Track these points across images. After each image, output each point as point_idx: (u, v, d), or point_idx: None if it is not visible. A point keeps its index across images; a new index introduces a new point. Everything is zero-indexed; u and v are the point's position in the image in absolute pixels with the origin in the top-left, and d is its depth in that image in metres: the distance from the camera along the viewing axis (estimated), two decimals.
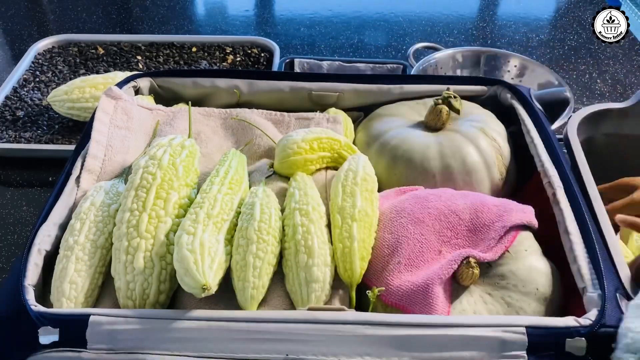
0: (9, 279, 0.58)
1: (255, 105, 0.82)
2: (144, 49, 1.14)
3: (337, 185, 0.63)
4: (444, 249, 0.59)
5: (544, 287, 0.56)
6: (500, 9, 1.45)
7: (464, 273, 0.56)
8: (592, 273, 0.54)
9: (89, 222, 0.61)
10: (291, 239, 0.59)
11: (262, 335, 0.50)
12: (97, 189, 0.65)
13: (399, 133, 0.73)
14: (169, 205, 0.60)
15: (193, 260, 0.53)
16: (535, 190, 0.66)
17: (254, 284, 0.55)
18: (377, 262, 0.59)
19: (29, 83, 1.05)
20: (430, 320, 0.51)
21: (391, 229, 0.61)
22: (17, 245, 0.79)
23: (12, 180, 0.89)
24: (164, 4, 1.38)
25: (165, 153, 0.63)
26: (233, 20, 1.36)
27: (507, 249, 0.58)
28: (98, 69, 1.09)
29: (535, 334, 0.50)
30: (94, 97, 0.92)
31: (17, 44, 1.23)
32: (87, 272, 0.58)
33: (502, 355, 0.49)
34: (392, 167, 0.71)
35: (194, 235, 0.55)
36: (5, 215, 0.83)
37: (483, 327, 0.50)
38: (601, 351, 0.50)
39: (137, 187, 0.60)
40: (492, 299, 0.56)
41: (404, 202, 0.63)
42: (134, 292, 0.56)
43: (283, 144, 0.71)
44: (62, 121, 0.96)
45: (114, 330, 0.51)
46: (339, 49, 1.23)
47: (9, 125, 0.96)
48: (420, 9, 1.40)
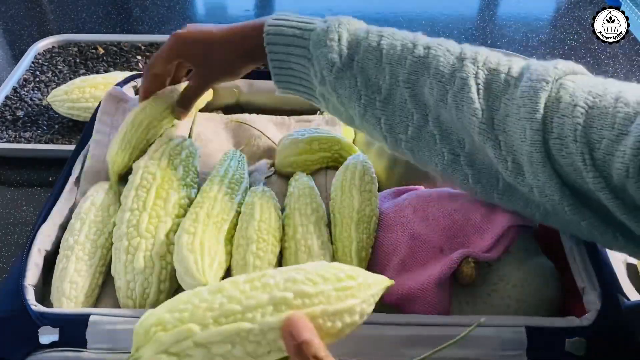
0: (9, 279, 0.58)
1: (255, 105, 0.82)
2: (144, 49, 1.14)
3: (337, 185, 0.63)
4: (444, 249, 0.59)
5: (544, 287, 0.56)
6: (500, 9, 1.45)
7: (463, 273, 0.55)
8: (592, 273, 0.54)
9: (89, 221, 0.61)
10: (291, 239, 0.59)
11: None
12: (97, 189, 0.65)
13: None
14: (169, 205, 0.60)
15: (193, 259, 0.53)
16: None
17: None
18: (377, 261, 0.59)
19: (29, 83, 1.05)
20: (430, 320, 0.51)
21: (391, 228, 0.61)
22: (17, 245, 0.79)
23: (12, 180, 0.89)
24: (164, 4, 1.38)
25: (165, 153, 0.64)
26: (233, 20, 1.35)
27: (507, 248, 0.58)
28: (98, 69, 1.09)
29: (535, 334, 0.50)
30: (94, 97, 0.91)
31: (17, 44, 1.23)
32: (88, 272, 0.58)
33: (502, 355, 0.49)
34: (392, 167, 0.71)
35: (194, 235, 0.55)
36: (5, 215, 0.83)
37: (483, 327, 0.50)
38: (601, 351, 0.50)
39: (137, 187, 0.60)
40: (491, 299, 0.56)
41: (404, 202, 0.63)
42: (134, 291, 0.56)
43: (283, 144, 0.71)
44: (62, 121, 0.96)
45: (114, 330, 0.51)
46: None
47: (9, 125, 0.96)
48: (420, 9, 1.40)
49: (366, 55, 0.57)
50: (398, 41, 0.56)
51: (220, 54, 0.64)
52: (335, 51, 0.58)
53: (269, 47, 0.60)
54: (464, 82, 0.52)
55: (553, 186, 0.49)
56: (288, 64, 0.61)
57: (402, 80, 0.55)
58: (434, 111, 0.55)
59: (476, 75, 0.52)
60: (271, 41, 0.60)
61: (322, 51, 0.58)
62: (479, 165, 0.55)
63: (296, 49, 0.60)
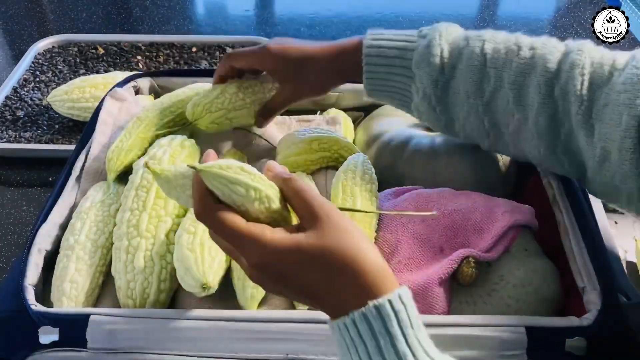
0: (9, 279, 0.58)
1: None
2: (144, 49, 1.14)
3: (337, 185, 0.63)
4: (444, 249, 0.59)
5: (544, 287, 0.56)
6: (500, 9, 1.45)
7: (464, 273, 0.55)
8: (592, 273, 0.54)
9: (89, 221, 0.61)
10: None
11: (262, 335, 0.50)
12: (97, 189, 0.65)
13: (399, 133, 0.73)
14: (169, 205, 0.60)
15: (193, 259, 0.53)
16: (535, 190, 0.66)
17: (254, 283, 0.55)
18: None
19: (29, 83, 1.05)
20: (430, 320, 0.51)
21: (391, 228, 0.61)
22: (17, 245, 0.79)
23: (12, 180, 0.89)
24: (164, 4, 1.38)
25: (166, 153, 0.64)
26: (233, 20, 1.36)
27: (507, 248, 0.58)
28: (98, 69, 1.09)
29: (535, 334, 0.50)
30: (94, 97, 0.91)
31: (17, 44, 1.23)
32: (88, 272, 0.58)
33: (502, 355, 0.49)
34: (392, 167, 0.71)
35: (194, 234, 0.55)
36: (5, 215, 0.83)
37: (483, 327, 0.50)
38: (601, 351, 0.50)
39: (138, 187, 0.60)
40: (491, 299, 0.56)
41: (404, 202, 0.63)
42: (134, 291, 0.56)
43: (283, 144, 0.71)
44: (62, 121, 0.96)
45: (114, 330, 0.51)
46: None
47: (9, 125, 0.96)
48: (420, 9, 1.40)
49: (470, 62, 0.59)
50: (501, 44, 0.58)
51: (313, 75, 0.65)
52: (439, 67, 0.60)
53: (368, 67, 0.62)
54: (568, 75, 0.54)
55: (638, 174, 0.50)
56: (387, 81, 0.63)
57: (507, 82, 0.57)
58: (536, 109, 0.56)
59: (582, 68, 0.54)
60: (371, 62, 0.62)
61: (425, 70, 0.60)
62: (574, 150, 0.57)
63: (398, 68, 0.61)
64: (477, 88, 0.59)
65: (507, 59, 0.57)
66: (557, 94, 0.55)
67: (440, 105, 0.61)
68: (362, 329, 0.39)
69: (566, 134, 0.56)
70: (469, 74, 0.59)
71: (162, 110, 0.71)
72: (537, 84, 0.56)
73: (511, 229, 0.58)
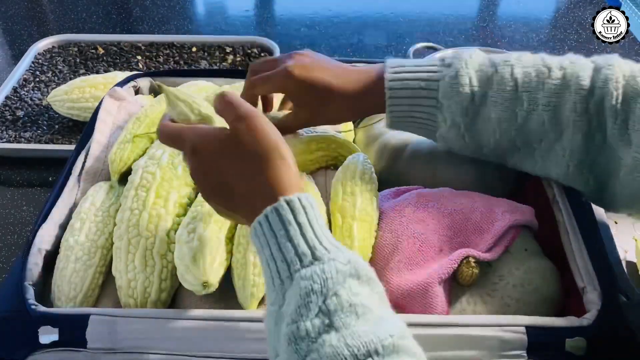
0: (9, 279, 0.58)
1: None
2: (144, 49, 1.14)
3: (337, 185, 0.63)
4: (444, 248, 0.59)
5: (544, 287, 0.56)
6: (500, 9, 1.45)
7: (464, 272, 0.55)
8: (592, 273, 0.54)
9: (89, 222, 0.61)
10: None
11: (263, 334, 0.50)
12: (97, 189, 0.65)
13: (399, 133, 0.73)
14: (169, 204, 0.60)
15: (194, 258, 0.53)
16: (535, 190, 0.66)
17: (254, 282, 0.55)
18: (378, 261, 0.59)
19: (29, 83, 1.05)
20: (430, 320, 0.51)
21: (391, 228, 0.61)
22: (17, 245, 0.79)
23: (12, 180, 0.89)
24: (164, 4, 1.38)
25: (165, 153, 0.64)
26: (233, 20, 1.36)
27: (507, 248, 0.58)
28: (98, 69, 1.09)
29: (535, 334, 0.50)
30: (94, 97, 0.91)
31: (17, 44, 1.23)
32: (88, 272, 0.58)
33: (502, 355, 0.49)
34: (391, 167, 0.71)
35: (194, 233, 0.55)
36: (5, 215, 0.83)
37: (483, 327, 0.50)
38: (601, 351, 0.50)
39: (137, 187, 0.60)
40: (491, 299, 0.56)
41: (404, 202, 0.63)
42: (135, 290, 0.56)
43: None
44: (62, 121, 0.96)
45: (114, 329, 0.51)
46: (339, 49, 1.23)
47: (9, 125, 0.96)
48: (420, 9, 1.40)
49: (501, 87, 0.59)
50: (530, 68, 0.59)
51: (334, 112, 0.65)
52: (469, 96, 0.59)
53: (392, 100, 0.61)
54: (603, 91, 0.55)
55: None
56: (411, 112, 0.62)
57: (542, 104, 0.58)
58: (572, 128, 0.57)
59: (616, 82, 0.55)
60: (395, 95, 0.61)
61: (455, 100, 0.60)
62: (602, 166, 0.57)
63: (423, 100, 0.61)
64: (510, 113, 0.59)
65: (539, 81, 0.58)
66: (592, 109, 0.56)
67: (469, 132, 0.61)
68: (273, 220, 0.44)
69: (598, 149, 0.57)
70: (500, 99, 0.59)
71: (162, 110, 0.71)
72: (572, 103, 0.56)
73: (511, 228, 0.58)
